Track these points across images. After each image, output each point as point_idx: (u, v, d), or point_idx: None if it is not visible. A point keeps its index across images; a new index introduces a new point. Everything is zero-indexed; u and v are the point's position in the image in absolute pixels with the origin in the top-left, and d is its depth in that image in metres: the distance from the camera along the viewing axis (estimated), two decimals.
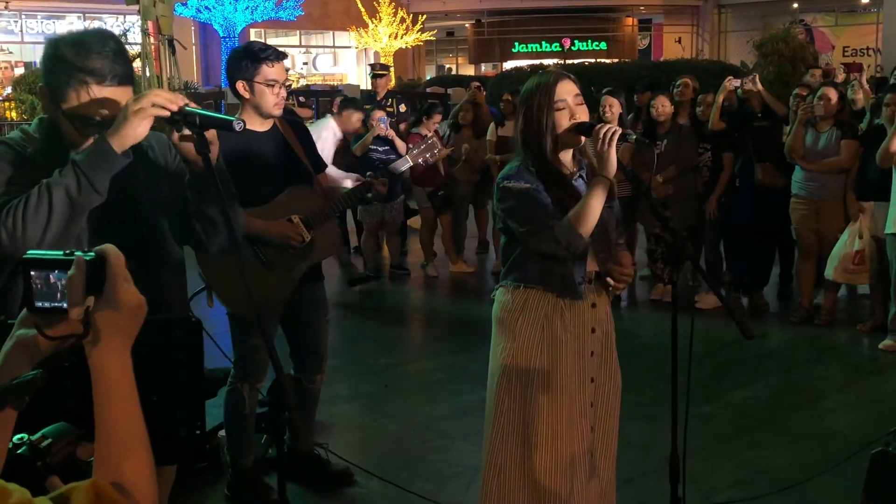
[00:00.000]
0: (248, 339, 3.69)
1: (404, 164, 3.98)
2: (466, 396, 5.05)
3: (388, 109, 8.85)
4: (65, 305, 1.27)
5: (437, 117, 8.31)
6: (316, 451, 4.18)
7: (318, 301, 3.94)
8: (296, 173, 3.73)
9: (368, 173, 3.83)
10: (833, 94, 6.51)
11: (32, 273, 1.29)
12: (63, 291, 1.27)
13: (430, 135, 6.52)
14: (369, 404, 5.23)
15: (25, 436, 1.32)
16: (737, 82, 7.20)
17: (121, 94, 2.18)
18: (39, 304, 1.29)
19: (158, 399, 1.51)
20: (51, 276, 1.28)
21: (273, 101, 3.57)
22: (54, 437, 1.32)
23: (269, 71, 3.55)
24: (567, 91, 2.89)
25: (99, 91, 2.15)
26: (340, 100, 7.63)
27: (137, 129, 2.04)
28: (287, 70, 3.96)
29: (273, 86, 3.55)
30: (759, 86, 7.14)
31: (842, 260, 6.34)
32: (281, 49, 3.65)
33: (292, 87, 10.28)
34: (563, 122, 2.87)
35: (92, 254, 1.29)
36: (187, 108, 2.06)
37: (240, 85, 3.55)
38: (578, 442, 2.97)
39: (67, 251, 1.30)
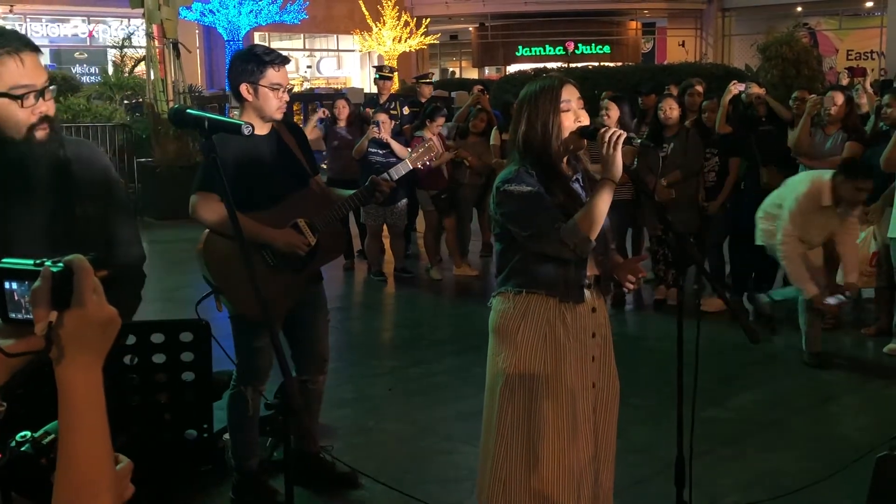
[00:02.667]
0: (253, 342, 3.69)
1: (404, 168, 3.98)
2: (471, 400, 5.04)
3: (391, 112, 8.85)
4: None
5: (441, 120, 8.31)
6: (321, 454, 4.18)
7: (318, 302, 3.95)
8: (296, 176, 3.74)
9: (371, 176, 3.83)
10: (839, 99, 6.53)
11: (6, 283, 1.24)
12: (27, 306, 1.22)
13: (429, 137, 6.52)
14: (373, 407, 5.23)
15: (28, 433, 1.31)
16: (741, 86, 7.21)
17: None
18: (13, 315, 1.24)
19: (165, 401, 1.51)
20: (16, 288, 1.23)
21: (276, 104, 3.58)
22: (57, 434, 1.30)
23: (274, 75, 3.56)
24: (571, 94, 2.90)
25: None
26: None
27: None
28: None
29: (277, 90, 3.56)
30: (762, 94, 7.18)
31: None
32: (285, 52, 3.66)
33: (294, 90, 10.31)
34: (568, 124, 2.88)
35: (61, 265, 1.23)
36: (195, 112, 2.07)
37: (244, 88, 3.56)
38: (584, 449, 2.97)
39: (38, 261, 1.24)
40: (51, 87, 2.25)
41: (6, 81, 2.18)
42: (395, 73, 10.77)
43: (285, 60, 3.63)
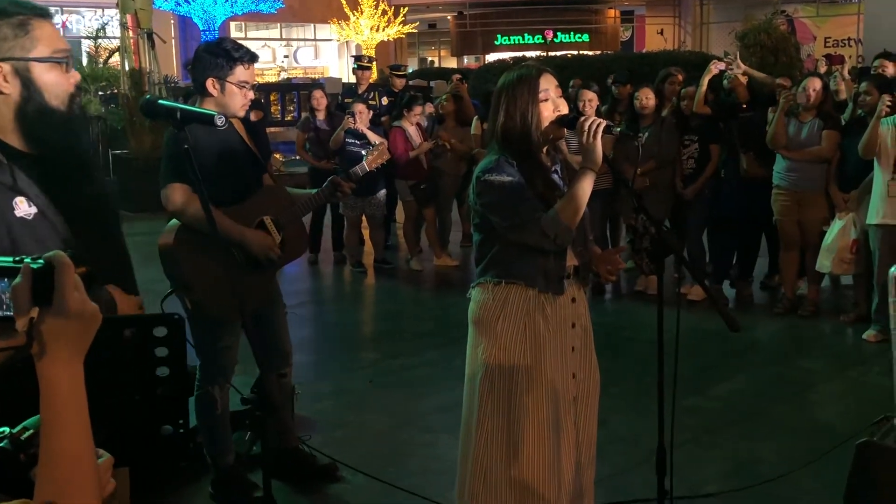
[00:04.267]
0: (218, 342, 3.65)
1: (361, 170, 4.03)
2: (452, 391, 5.02)
3: (370, 103, 8.82)
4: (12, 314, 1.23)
5: (419, 109, 8.29)
6: (301, 447, 4.17)
7: (275, 296, 3.93)
8: (256, 169, 3.73)
9: (331, 177, 3.82)
10: (818, 85, 6.55)
11: None
12: (8, 302, 1.23)
13: (380, 141, 6.54)
14: (353, 400, 5.22)
15: (7, 429, 1.31)
16: (721, 65, 7.22)
17: None
18: None
19: (141, 397, 1.50)
20: None
21: (241, 102, 3.54)
22: (36, 429, 1.30)
23: (242, 72, 3.51)
24: (549, 83, 2.90)
25: None
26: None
27: None
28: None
29: (244, 87, 3.53)
30: (742, 66, 7.17)
31: (839, 251, 6.30)
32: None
33: (258, 84, 10.30)
34: (547, 114, 2.87)
35: (41, 261, 1.24)
36: (166, 102, 2.04)
37: (210, 82, 3.49)
38: (565, 440, 2.97)
39: (17, 258, 1.25)
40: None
41: (49, 45, 1.96)
42: (374, 63, 10.75)
43: (254, 58, 3.60)
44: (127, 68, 12.77)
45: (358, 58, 9.86)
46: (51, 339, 1.22)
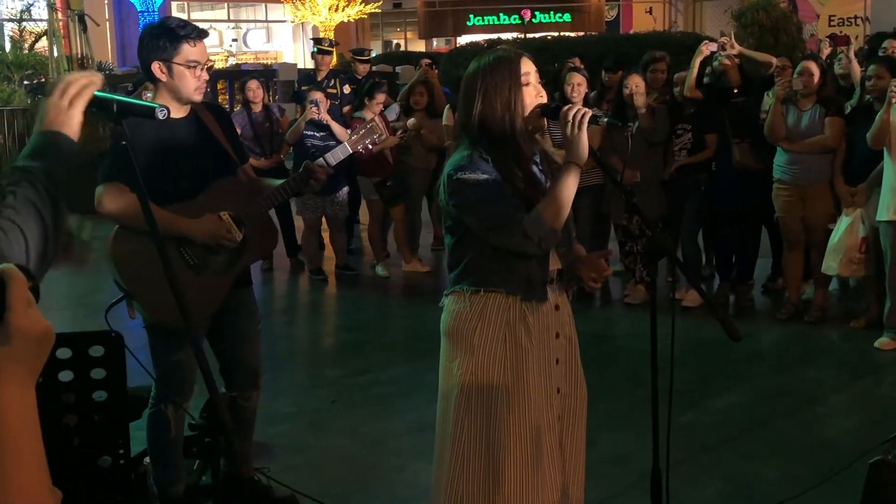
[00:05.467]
0: (173, 354, 3.63)
1: (343, 152, 3.96)
2: (423, 411, 5.03)
3: (330, 91, 8.80)
4: None
5: (382, 97, 8.28)
6: (256, 477, 4.14)
7: (247, 309, 3.90)
8: (220, 164, 3.69)
9: (305, 162, 3.80)
10: (814, 69, 6.57)
11: None
12: None
13: (370, 118, 6.50)
14: (315, 421, 5.20)
15: None
16: (713, 46, 7.27)
17: None
18: None
19: (76, 424, 1.48)
20: None
21: (194, 84, 3.52)
22: None
23: (190, 51, 3.49)
24: (530, 67, 2.90)
25: None
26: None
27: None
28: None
29: (194, 67, 3.50)
30: (737, 48, 7.22)
31: (847, 251, 6.32)
32: (206, 25, 3.60)
33: (214, 67, 10.22)
34: (530, 101, 2.87)
35: None
36: (101, 94, 2.03)
37: (156, 66, 3.48)
38: (549, 462, 2.97)
39: None
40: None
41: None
42: (336, 48, 10.72)
43: (203, 34, 3.57)
44: (56, 54, 12.65)
45: (318, 41, 9.84)
46: (1, 358, 1.21)
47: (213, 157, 3.66)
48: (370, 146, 4.15)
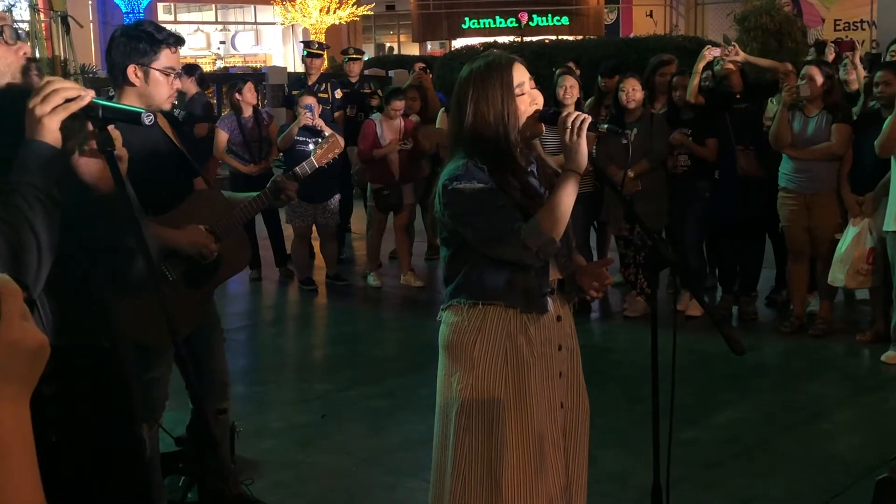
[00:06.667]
0: (146, 373, 3.62)
1: (309, 167, 3.99)
2: (416, 426, 5.03)
3: (321, 96, 8.81)
4: None
5: (400, 104, 8.24)
6: (244, 494, 4.14)
7: (211, 320, 3.92)
8: (183, 173, 3.70)
9: (275, 176, 3.81)
10: (818, 74, 6.59)
11: None
12: None
13: (330, 133, 6.54)
14: (304, 437, 5.19)
15: None
16: (716, 51, 7.28)
17: None
18: None
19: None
20: None
21: (168, 92, 3.51)
22: None
23: (169, 57, 3.48)
24: (524, 74, 2.90)
25: None
26: None
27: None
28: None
29: (170, 75, 3.50)
30: (742, 55, 7.24)
31: (854, 262, 6.32)
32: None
33: (202, 70, 10.23)
34: (525, 109, 2.88)
35: None
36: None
37: (132, 69, 3.46)
38: (553, 481, 2.96)
39: None
40: None
41: None
42: (327, 51, 10.72)
43: (180, 41, 3.57)
44: (38, 56, 12.64)
45: (308, 43, 9.84)
46: None
47: (178, 165, 3.67)
48: (333, 159, 4.21)
